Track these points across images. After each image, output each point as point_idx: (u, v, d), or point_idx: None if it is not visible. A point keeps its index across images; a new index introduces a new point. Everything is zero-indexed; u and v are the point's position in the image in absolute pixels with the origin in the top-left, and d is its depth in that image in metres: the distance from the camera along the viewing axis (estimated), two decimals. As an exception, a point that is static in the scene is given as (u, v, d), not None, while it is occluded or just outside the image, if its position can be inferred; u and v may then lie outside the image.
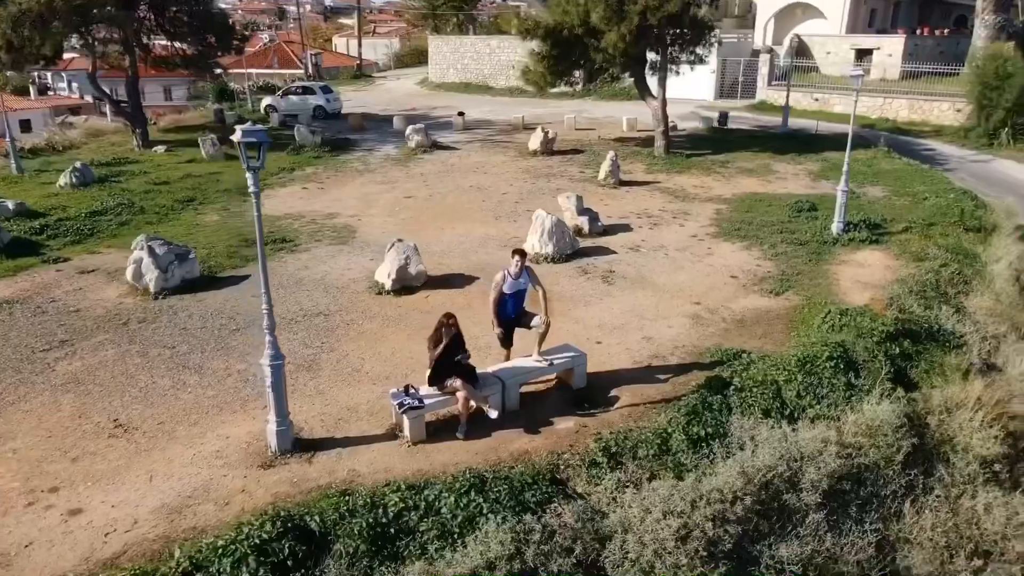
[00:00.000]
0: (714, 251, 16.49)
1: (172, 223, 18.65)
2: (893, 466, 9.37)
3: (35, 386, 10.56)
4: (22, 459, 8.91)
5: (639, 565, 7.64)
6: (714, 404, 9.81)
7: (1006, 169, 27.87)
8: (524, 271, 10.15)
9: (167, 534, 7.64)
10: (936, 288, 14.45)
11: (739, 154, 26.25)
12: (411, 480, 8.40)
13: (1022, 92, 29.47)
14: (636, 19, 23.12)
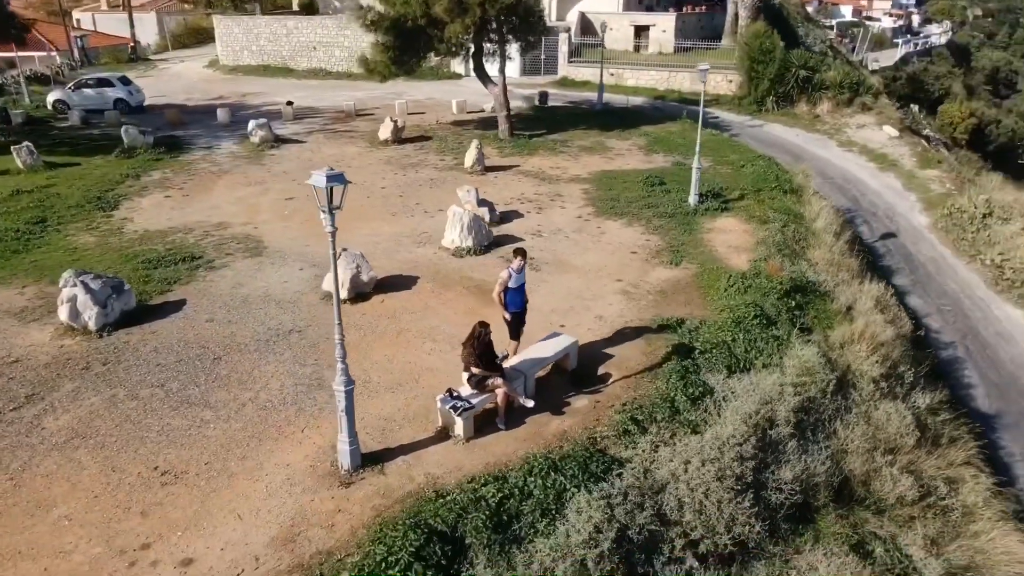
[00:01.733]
0: (604, 230, 18.61)
1: (44, 249, 17.11)
2: (826, 396, 12.07)
3: (35, 448, 10.01)
4: (85, 523, 8.72)
5: (691, 506, 9.50)
6: (690, 368, 11.88)
7: (776, 132, 33.19)
8: (522, 268, 11.50)
9: (299, 563, 8.16)
10: (786, 246, 17.74)
11: (572, 132, 28.70)
12: (485, 473, 9.52)
13: (781, 65, 34.94)
14: (478, 11, 24.38)
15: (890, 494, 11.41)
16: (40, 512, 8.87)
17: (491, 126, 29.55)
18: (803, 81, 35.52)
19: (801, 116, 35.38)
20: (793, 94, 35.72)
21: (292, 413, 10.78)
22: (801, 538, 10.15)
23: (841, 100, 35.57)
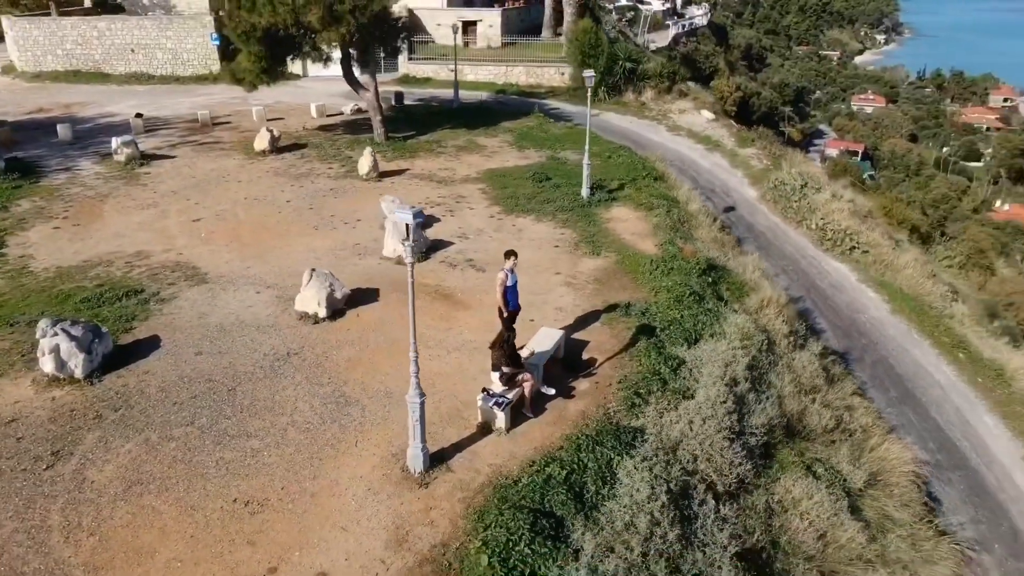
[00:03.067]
0: (520, 227, 20.33)
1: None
2: (760, 353, 14.76)
3: (96, 502, 10.05)
4: (199, 561, 9.17)
5: (703, 457, 11.65)
6: (659, 344, 14.04)
7: (613, 120, 36.55)
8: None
9: (423, 558, 9.26)
10: (677, 229, 20.53)
11: (440, 132, 29.97)
12: (539, 456, 11.04)
13: (609, 58, 38.26)
14: (352, 20, 24.90)
15: (817, 426, 14.36)
16: (145, 559, 9.16)
17: (359, 130, 30.06)
18: (629, 72, 39.17)
19: (630, 104, 39.08)
20: (621, 84, 39.30)
21: (336, 431, 11.55)
22: (771, 470, 12.69)
23: (662, 88, 39.67)
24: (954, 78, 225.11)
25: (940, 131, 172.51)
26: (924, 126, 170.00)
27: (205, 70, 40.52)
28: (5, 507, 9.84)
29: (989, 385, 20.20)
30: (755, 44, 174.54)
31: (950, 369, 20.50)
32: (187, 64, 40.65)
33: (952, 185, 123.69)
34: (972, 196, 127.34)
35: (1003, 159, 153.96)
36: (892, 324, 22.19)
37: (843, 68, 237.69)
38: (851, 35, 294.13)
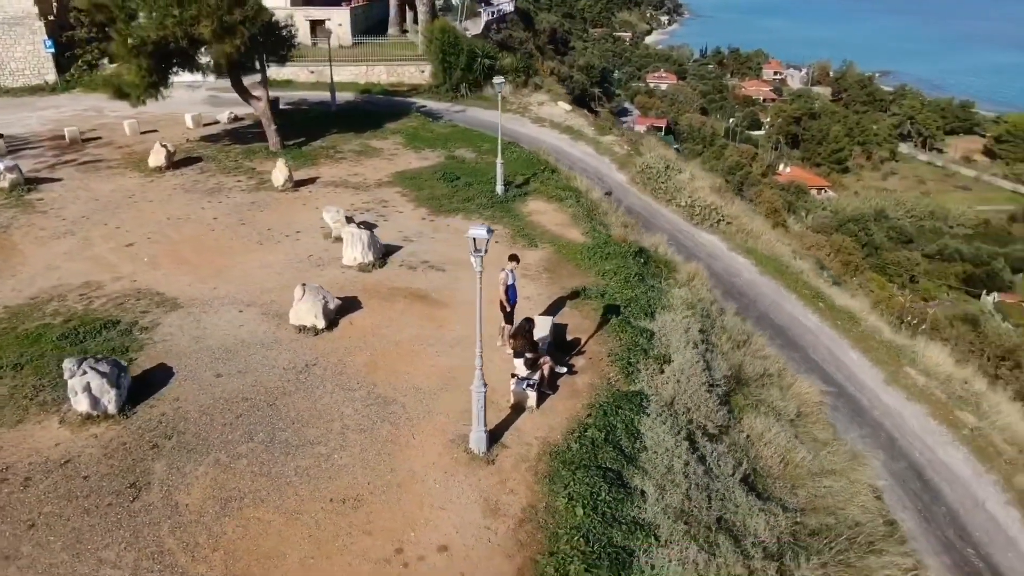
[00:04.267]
0: (454, 227, 21.84)
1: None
2: (701, 318, 17.55)
3: (199, 522, 10.71)
4: (330, 554, 10.27)
5: (693, 408, 14.16)
6: (628, 320, 16.37)
7: (480, 115, 38.49)
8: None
9: (520, 519, 10.96)
10: (591, 217, 23.01)
11: (330, 137, 30.48)
12: (574, 424, 12.99)
13: (469, 56, 40.13)
14: (245, 32, 24.97)
15: (753, 373, 17.42)
16: (278, 563, 10.12)
17: (247, 139, 29.87)
18: (488, 68, 41.21)
19: (491, 99, 40.99)
20: (480, 80, 41.26)
21: (389, 428, 12.79)
22: (734, 413, 15.50)
23: (519, 82, 42.11)
24: (731, 55, 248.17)
25: (725, 104, 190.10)
26: (712, 100, 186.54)
27: (39, 80, 37.63)
28: (114, 539, 10.30)
29: (846, 327, 24.55)
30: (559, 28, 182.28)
31: (815, 317, 24.64)
32: (17, 74, 37.51)
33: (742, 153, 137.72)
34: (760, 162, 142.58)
35: (780, 127, 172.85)
36: (763, 283, 26.11)
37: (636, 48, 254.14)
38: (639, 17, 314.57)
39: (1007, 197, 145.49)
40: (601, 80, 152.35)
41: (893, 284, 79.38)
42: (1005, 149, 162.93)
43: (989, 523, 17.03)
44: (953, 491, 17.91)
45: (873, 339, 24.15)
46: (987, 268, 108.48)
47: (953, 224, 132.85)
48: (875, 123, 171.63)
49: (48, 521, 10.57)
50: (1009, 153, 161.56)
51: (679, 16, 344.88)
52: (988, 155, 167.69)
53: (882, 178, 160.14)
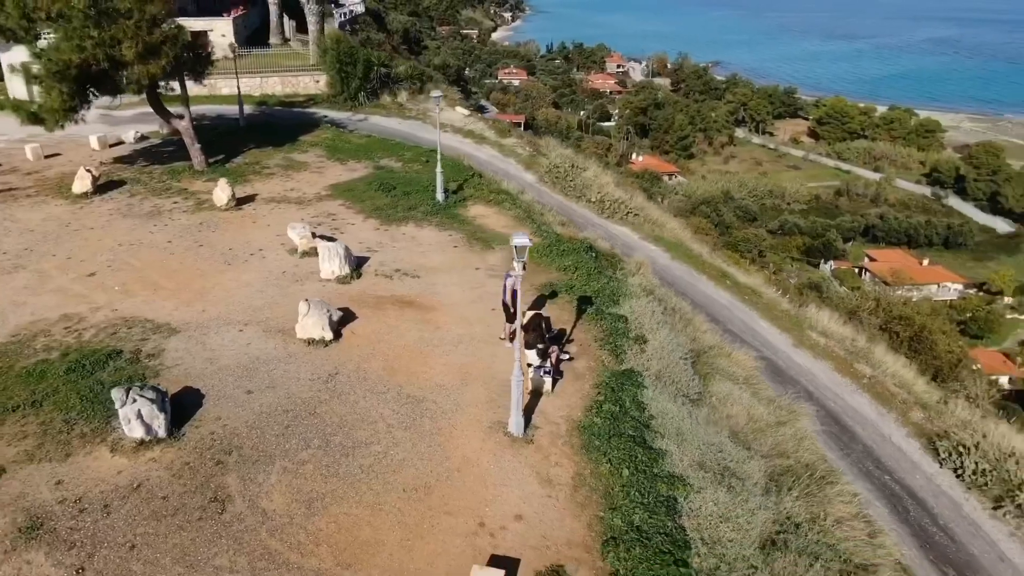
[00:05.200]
0: (410, 235, 23.07)
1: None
2: (660, 300, 19.92)
3: (295, 523, 11.68)
4: (424, 535, 11.60)
5: (677, 377, 16.43)
6: (602, 308, 18.42)
7: (383, 123, 39.53)
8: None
9: (573, 485, 12.72)
10: (532, 218, 24.93)
11: (250, 153, 30.58)
12: (589, 402, 14.88)
13: (366, 66, 40.89)
14: (170, 52, 24.91)
15: (703, 346, 19.98)
16: (379, 548, 11.34)
17: (163, 158, 29.46)
18: (384, 76, 42.10)
19: (389, 107, 42.13)
20: (377, 88, 42.09)
21: (430, 423, 14.13)
22: (703, 377, 17.94)
23: (415, 89, 43.27)
24: (576, 50, 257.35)
25: (576, 98, 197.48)
26: (563, 94, 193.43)
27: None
28: (220, 548, 11.12)
29: (752, 301, 27.93)
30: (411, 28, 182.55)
31: (726, 294, 27.85)
32: None
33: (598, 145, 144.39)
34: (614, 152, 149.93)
35: (628, 117, 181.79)
36: (676, 267, 29.08)
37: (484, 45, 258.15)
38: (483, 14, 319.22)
39: (832, 174, 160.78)
40: (457, 79, 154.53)
41: (745, 259, 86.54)
42: (826, 130, 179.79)
43: (897, 453, 20.55)
44: (864, 430, 21.34)
45: (776, 309, 27.65)
46: (823, 239, 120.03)
47: (790, 201, 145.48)
48: (713, 111, 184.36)
49: (147, 541, 11.20)
50: (829, 133, 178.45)
51: (521, 12, 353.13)
52: (812, 136, 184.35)
53: (724, 162, 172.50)
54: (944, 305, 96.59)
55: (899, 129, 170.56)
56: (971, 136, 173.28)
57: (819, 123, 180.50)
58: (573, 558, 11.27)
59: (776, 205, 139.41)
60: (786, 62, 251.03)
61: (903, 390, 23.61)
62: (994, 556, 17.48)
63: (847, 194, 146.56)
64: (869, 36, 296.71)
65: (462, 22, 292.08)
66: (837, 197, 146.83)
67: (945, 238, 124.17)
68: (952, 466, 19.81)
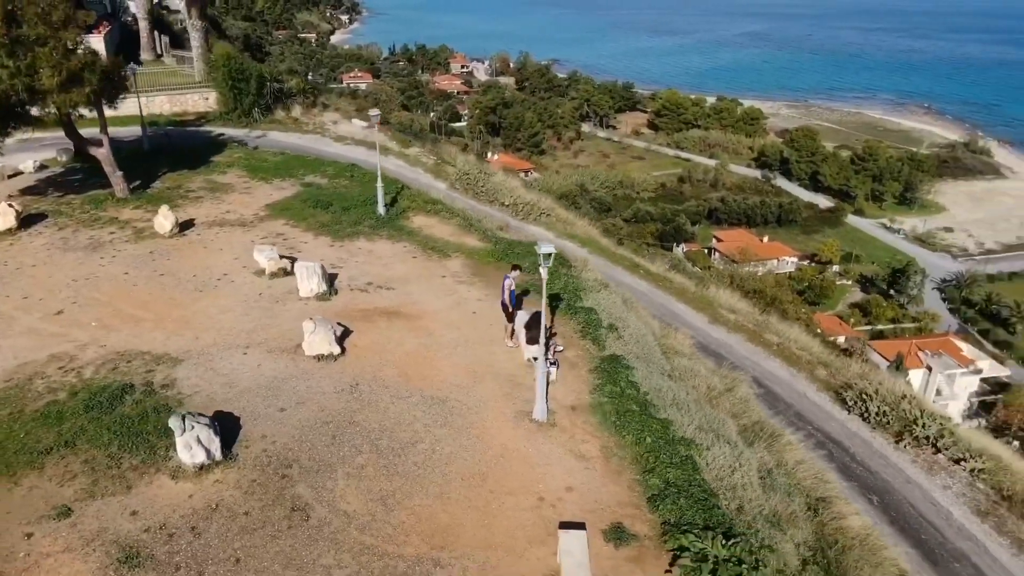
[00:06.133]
0: (364, 248, 24.07)
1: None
2: (609, 292, 22.26)
3: (377, 519, 12.86)
4: (493, 514, 13.18)
5: (652, 358, 18.81)
6: (571, 302, 20.46)
7: (283, 139, 39.64)
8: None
9: (602, 457, 14.69)
10: (472, 225, 26.59)
11: (170, 178, 30.09)
12: (592, 386, 16.89)
13: (259, 82, 40.70)
14: (95, 79, 24.45)
15: (652, 327, 22.52)
16: (457, 528, 12.81)
17: (73, 187, 28.51)
18: (277, 91, 41.98)
19: (285, 122, 42.07)
20: (271, 104, 41.91)
21: (460, 419, 15.61)
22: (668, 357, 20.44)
23: (308, 103, 43.42)
24: (419, 51, 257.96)
25: (424, 99, 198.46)
26: (410, 96, 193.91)
27: None
28: (321, 550, 12.16)
29: (666, 286, 31.05)
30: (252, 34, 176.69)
31: (643, 282, 30.79)
32: None
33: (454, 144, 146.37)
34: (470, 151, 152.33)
35: (479, 117, 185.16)
36: (593, 260, 31.56)
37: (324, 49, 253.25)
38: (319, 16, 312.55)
39: (673, 162, 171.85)
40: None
41: (640, 250, 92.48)
42: (664, 121, 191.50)
43: (813, 407, 24.12)
44: (783, 390, 24.80)
45: (687, 292, 30.91)
46: (673, 224, 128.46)
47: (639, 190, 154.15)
48: (559, 107, 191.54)
49: (249, 553, 12.05)
50: (667, 124, 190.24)
51: (358, 15, 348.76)
52: (652, 127, 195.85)
53: (573, 156, 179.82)
54: (785, 277, 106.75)
55: (728, 118, 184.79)
56: (789, 122, 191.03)
57: (657, 115, 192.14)
58: (627, 515, 13.26)
59: (627, 195, 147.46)
60: (620, 58, 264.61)
61: (805, 352, 27.40)
62: (902, 480, 21.21)
63: (689, 181, 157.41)
64: (691, 32, 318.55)
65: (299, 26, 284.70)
66: (681, 184, 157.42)
67: (778, 216, 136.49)
68: (858, 411, 23.53)
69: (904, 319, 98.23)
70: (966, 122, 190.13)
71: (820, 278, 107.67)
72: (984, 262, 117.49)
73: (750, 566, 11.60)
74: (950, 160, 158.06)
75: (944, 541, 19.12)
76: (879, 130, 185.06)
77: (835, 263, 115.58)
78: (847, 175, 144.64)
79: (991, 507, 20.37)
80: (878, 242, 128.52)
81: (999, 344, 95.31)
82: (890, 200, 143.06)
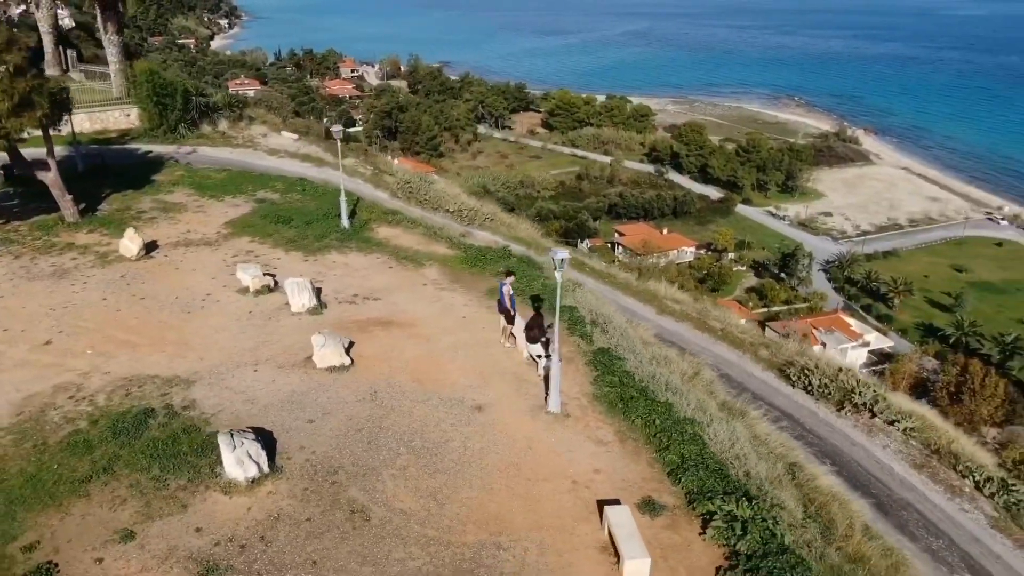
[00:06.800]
0: (339, 262, 24.67)
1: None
2: (576, 287, 23.84)
3: (431, 511, 13.87)
4: (539, 499, 14.44)
5: (635, 348, 20.50)
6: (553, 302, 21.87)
7: (214, 154, 39.29)
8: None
9: (622, 438, 16.21)
10: (436, 233, 27.60)
11: (114, 199, 29.49)
12: (591, 377, 18.38)
13: (184, 97, 40.02)
14: (45, 104, 23.98)
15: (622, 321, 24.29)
16: (509, 514, 13.99)
17: (14, 213, 27.55)
18: (203, 106, 41.33)
19: (213, 136, 41.48)
20: (197, 119, 41.23)
21: (482, 416, 16.72)
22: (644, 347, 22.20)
23: (234, 117, 42.93)
24: (307, 56, 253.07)
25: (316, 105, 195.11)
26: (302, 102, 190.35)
27: None
28: (391, 545, 13.05)
29: (612, 281, 32.96)
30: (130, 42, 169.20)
31: (591, 279, 32.54)
32: None
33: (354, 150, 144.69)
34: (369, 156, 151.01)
35: (375, 122, 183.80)
36: (538, 260, 33.22)
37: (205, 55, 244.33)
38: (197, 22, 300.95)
39: (570, 160, 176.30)
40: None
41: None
42: (558, 120, 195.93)
43: (761, 384, 26.52)
44: (732, 370, 27.10)
45: (631, 286, 32.94)
46: (576, 221, 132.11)
47: (540, 189, 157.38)
48: (454, 109, 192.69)
49: (324, 555, 12.82)
50: (561, 123, 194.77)
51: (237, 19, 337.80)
52: (546, 127, 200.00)
53: (472, 158, 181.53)
54: (686, 266, 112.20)
55: (619, 115, 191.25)
56: (675, 117, 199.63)
57: (551, 114, 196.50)
58: (653, 489, 14.80)
59: (529, 194, 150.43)
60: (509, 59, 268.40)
61: (747, 335, 29.90)
62: (848, 443, 23.81)
63: (587, 178, 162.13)
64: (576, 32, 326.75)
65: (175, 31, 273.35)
66: (579, 181, 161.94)
67: (673, 208, 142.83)
68: (802, 386, 26.07)
69: (796, 300, 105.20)
70: (834, 113, 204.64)
71: (718, 266, 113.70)
72: (861, 243, 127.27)
73: (772, 521, 13.38)
74: (824, 149, 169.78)
75: (891, 492, 21.73)
76: (759, 123, 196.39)
77: (730, 251, 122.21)
78: (734, 167, 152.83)
79: (925, 460, 23.24)
80: (766, 229, 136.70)
81: (880, 318, 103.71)
82: (774, 189, 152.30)
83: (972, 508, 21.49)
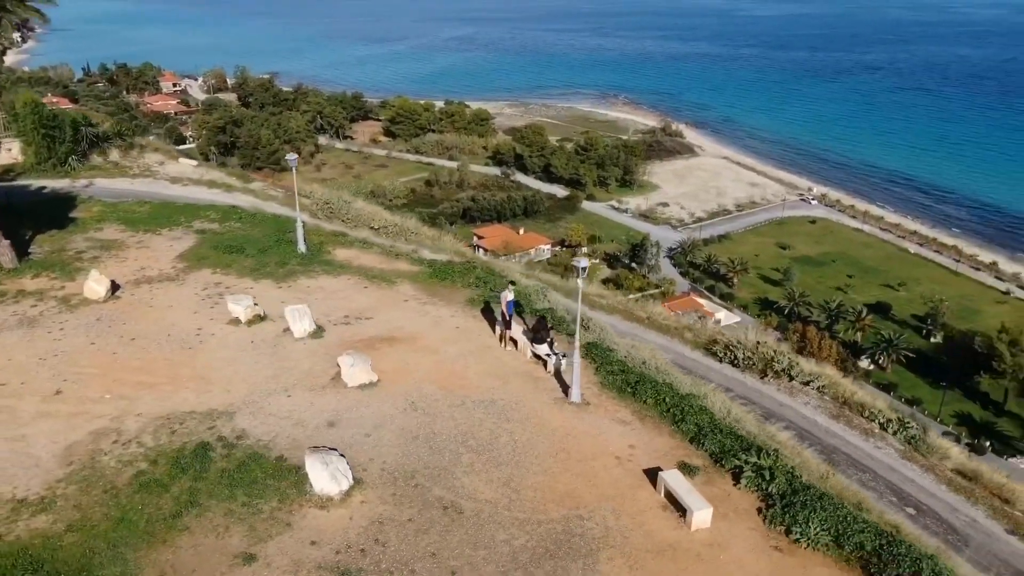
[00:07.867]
0: (312, 287, 25.46)
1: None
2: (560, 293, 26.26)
3: (513, 499, 15.79)
4: (596, 484, 16.71)
5: (617, 341, 23.22)
6: (532, 307, 24.11)
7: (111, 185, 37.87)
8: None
9: (645, 425, 18.79)
10: (393, 251, 28.97)
11: (41, 240, 28.18)
12: (594, 368, 20.83)
13: (73, 128, 38.28)
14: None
15: (580, 320, 27.01)
16: (578, 498, 16.17)
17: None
18: (92, 136, 39.58)
19: (106, 167, 39.79)
20: (86, 150, 39.42)
21: (516, 413, 18.69)
22: (605, 342, 24.98)
23: (125, 146, 41.38)
24: (120, 70, 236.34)
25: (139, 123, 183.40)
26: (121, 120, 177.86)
27: None
28: (492, 530, 14.80)
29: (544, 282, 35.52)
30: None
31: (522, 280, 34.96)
32: None
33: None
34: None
35: (208, 138, 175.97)
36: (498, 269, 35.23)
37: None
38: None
39: (416, 167, 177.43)
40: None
41: None
42: (399, 128, 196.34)
43: (694, 363, 30.01)
44: (668, 354, 30.47)
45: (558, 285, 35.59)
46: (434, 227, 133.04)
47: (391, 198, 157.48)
48: (291, 121, 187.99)
49: (438, 548, 14.35)
50: (403, 131, 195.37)
51: (31, 31, 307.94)
52: (388, 135, 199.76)
53: (316, 170, 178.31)
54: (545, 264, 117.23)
55: (459, 120, 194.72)
56: (513, 120, 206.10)
57: (392, 122, 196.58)
58: (683, 455, 17.51)
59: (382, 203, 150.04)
60: (340, 68, 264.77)
61: (669, 321, 33.54)
62: (776, 404, 27.81)
63: (437, 184, 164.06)
64: (403, 38, 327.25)
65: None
66: (429, 187, 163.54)
67: (524, 208, 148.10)
68: (729, 360, 29.92)
69: (649, 287, 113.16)
70: (657, 109, 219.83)
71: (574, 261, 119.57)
72: (698, 229, 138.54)
73: (791, 466, 16.48)
74: (654, 144, 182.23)
75: (821, 440, 25.83)
76: (591, 121, 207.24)
77: (583, 245, 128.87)
78: (575, 165, 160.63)
79: (839, 411, 27.67)
80: (612, 222, 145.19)
81: (723, 296, 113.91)
82: (614, 184, 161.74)
83: (884, 445, 26.05)
